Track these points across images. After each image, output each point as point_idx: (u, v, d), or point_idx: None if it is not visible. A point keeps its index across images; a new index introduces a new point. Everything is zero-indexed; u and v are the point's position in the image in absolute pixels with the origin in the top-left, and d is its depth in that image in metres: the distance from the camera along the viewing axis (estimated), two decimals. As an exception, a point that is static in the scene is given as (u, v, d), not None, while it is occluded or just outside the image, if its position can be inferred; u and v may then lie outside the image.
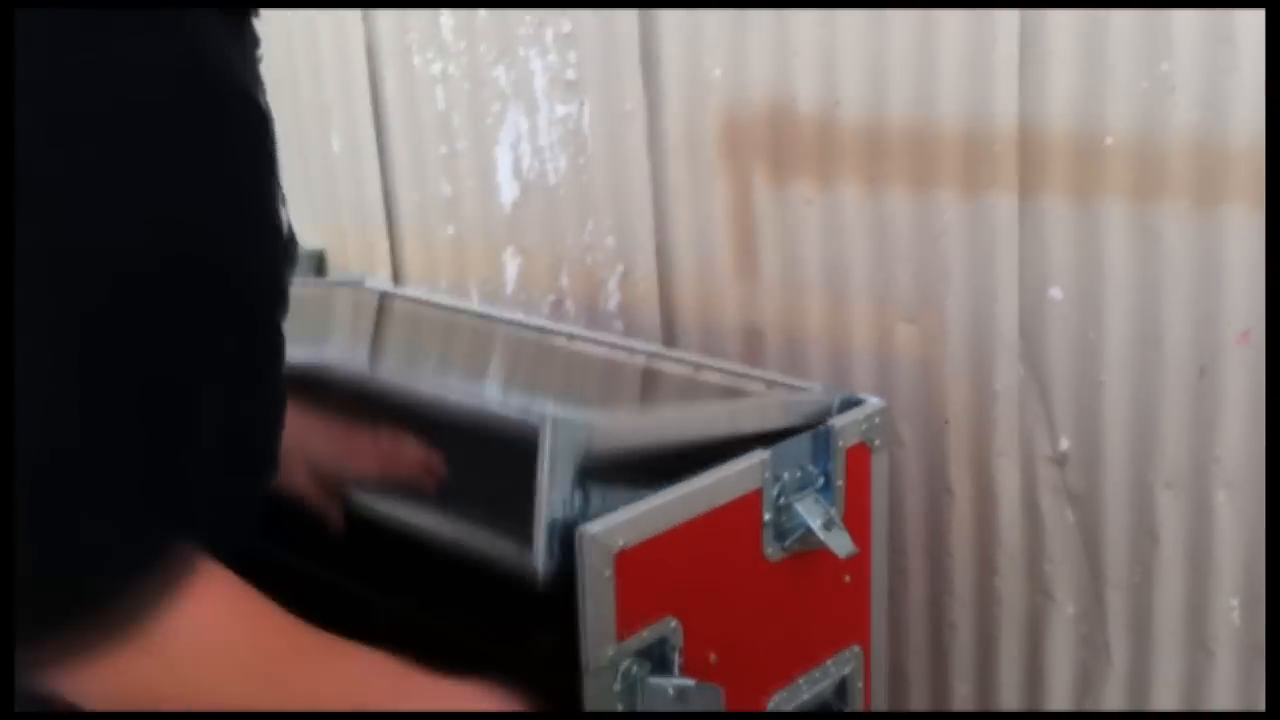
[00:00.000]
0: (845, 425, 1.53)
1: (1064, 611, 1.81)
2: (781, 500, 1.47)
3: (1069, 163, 1.65)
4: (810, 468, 1.50)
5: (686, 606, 1.39)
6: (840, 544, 1.47)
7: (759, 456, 1.45)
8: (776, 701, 1.52)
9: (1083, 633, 1.81)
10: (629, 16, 1.98)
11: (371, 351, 1.99)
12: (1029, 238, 1.70)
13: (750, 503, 1.44)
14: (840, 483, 1.51)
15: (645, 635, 1.35)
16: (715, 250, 2.00)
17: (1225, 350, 1.59)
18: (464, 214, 2.31)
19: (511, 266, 2.28)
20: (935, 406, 1.85)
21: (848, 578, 1.57)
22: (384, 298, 2.16)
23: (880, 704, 1.70)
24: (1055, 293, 1.71)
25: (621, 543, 1.31)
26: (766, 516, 1.46)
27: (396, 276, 2.45)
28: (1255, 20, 1.48)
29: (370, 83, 2.36)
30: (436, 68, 2.26)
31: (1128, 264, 1.64)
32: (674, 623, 1.37)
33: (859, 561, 1.56)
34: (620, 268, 2.13)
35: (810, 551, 1.49)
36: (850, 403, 1.59)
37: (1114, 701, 1.80)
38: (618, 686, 1.34)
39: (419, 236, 2.40)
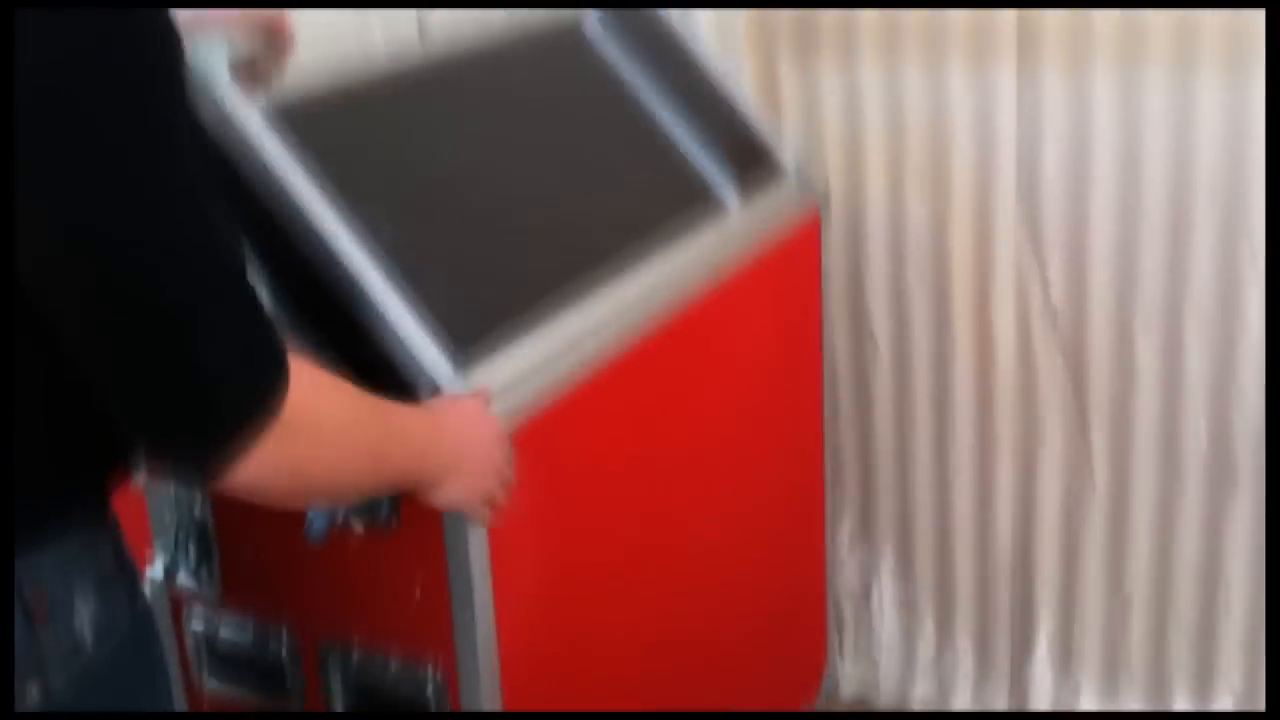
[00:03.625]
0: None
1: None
2: None
3: (1063, 37, 1.86)
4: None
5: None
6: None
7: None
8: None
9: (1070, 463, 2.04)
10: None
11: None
12: (1026, 107, 1.91)
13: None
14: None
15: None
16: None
17: (1197, 206, 1.83)
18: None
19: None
20: (941, 264, 2.06)
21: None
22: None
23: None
24: (1049, 158, 1.92)
25: None
26: None
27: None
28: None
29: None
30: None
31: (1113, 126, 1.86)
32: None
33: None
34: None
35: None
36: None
37: (1097, 522, 2.03)
38: None
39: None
